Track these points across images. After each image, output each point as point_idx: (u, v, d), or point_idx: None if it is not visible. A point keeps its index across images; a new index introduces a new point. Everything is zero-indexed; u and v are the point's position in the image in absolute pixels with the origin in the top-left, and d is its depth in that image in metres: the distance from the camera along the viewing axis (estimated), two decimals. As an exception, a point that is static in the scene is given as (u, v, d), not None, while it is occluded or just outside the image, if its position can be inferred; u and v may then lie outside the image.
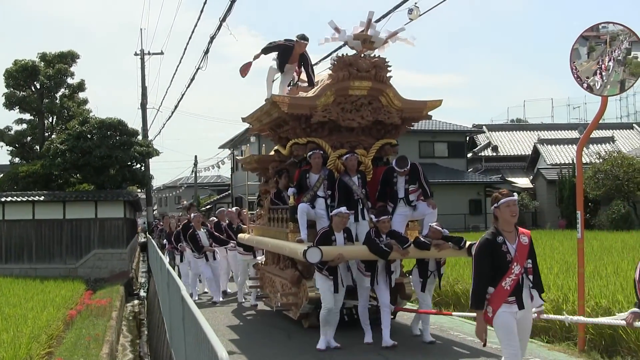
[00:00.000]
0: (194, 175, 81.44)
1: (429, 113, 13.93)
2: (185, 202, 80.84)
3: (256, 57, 14.67)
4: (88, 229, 34.66)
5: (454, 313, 13.17)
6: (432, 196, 12.75)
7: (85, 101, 44.63)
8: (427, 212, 12.50)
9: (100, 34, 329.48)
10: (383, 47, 13.24)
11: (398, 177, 12.56)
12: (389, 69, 13.21)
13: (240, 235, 17.32)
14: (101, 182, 36.26)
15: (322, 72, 15.67)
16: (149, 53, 50.01)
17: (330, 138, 13.39)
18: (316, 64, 19.54)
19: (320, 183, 12.79)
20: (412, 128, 15.07)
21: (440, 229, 11.85)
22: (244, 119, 15.89)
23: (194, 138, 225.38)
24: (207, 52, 26.01)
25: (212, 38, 23.85)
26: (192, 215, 19.96)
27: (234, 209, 21.00)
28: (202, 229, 18.80)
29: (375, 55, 13.28)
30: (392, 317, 12.81)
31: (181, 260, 20.20)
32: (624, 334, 10.61)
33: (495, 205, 7.62)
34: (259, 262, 16.69)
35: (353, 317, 12.68)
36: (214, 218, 21.12)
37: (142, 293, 36.06)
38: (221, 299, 18.05)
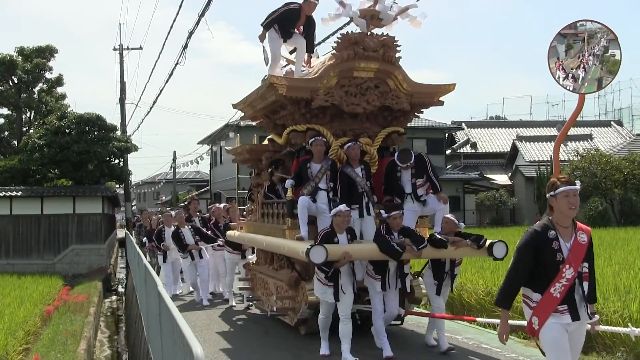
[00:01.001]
0: (172, 170, 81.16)
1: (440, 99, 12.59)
2: (164, 197, 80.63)
3: (261, 38, 13.06)
4: (66, 224, 34.43)
5: (479, 319, 11.69)
6: (442, 190, 11.63)
7: (63, 96, 44.47)
8: (438, 208, 11.29)
9: (78, 28, 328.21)
10: (391, 25, 12.12)
11: (402, 171, 11.42)
12: (398, 48, 11.95)
13: (229, 233, 16.05)
14: (79, 178, 36.07)
15: (320, 57, 14.23)
16: (127, 48, 49.79)
17: (331, 125, 12.16)
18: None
19: (323, 174, 11.47)
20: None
21: (454, 219, 10.82)
22: (235, 105, 14.58)
23: (172, 134, 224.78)
24: (185, 47, 25.99)
25: (191, 33, 23.81)
26: (171, 212, 19.34)
27: (222, 205, 19.59)
28: (186, 226, 17.48)
29: (383, 33, 12.00)
30: (399, 322, 12.20)
31: (164, 261, 18.86)
32: (600, 331, 10.66)
33: (552, 193, 6.55)
34: (250, 261, 15.53)
35: (356, 323, 11.12)
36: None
37: (120, 289, 35.94)
38: (207, 302, 16.64)
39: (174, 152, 79.43)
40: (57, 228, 34.26)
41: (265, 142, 14.45)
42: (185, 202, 67.77)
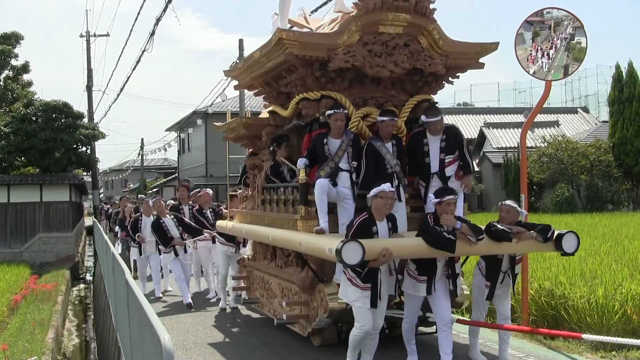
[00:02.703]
0: (140, 158, 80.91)
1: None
2: (131, 185, 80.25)
3: None
4: (33, 212, 34.21)
5: (585, 335, 8.96)
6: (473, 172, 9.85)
7: (29, 83, 44.03)
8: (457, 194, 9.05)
9: (44, 15, 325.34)
10: None
11: (430, 142, 9.43)
12: None
13: (219, 223, 14.01)
14: (46, 165, 35.80)
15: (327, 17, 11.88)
16: (94, 35, 49.55)
17: (350, 92, 10.05)
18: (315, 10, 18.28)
19: (344, 151, 9.41)
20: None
21: (517, 206, 8.92)
22: (228, 72, 12.83)
23: (140, 121, 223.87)
24: (152, 33, 25.91)
25: (158, 20, 23.80)
26: (150, 200, 17.28)
27: (209, 190, 16.95)
28: (168, 216, 15.38)
29: None
30: (435, 331, 9.58)
31: (140, 254, 17.07)
32: (566, 315, 10.79)
33: None
34: (245, 256, 13.61)
35: (384, 332, 9.04)
36: (171, 201, 18.77)
37: (89, 277, 35.78)
38: (190, 301, 14.56)
39: (142, 139, 79.22)
40: (24, 216, 34.04)
41: (263, 114, 12.56)
42: (155, 190, 67.70)
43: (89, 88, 48.09)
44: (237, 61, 31.86)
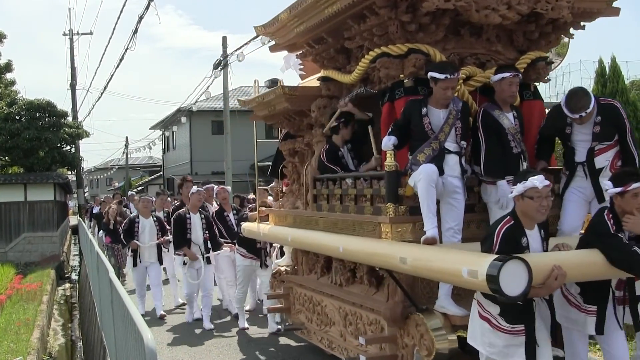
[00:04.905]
0: (125, 156, 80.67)
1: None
2: (116, 183, 79.89)
3: None
4: (17, 212, 34.01)
5: None
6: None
7: (12, 82, 43.73)
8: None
9: (27, 13, 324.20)
10: None
11: (575, 125, 6.82)
12: None
13: (246, 226, 11.18)
14: (30, 165, 35.62)
15: None
16: (77, 33, 49.30)
17: (444, 46, 7.43)
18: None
19: (451, 127, 6.78)
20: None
21: None
22: (261, 28, 9.50)
23: (124, 119, 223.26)
24: (135, 31, 25.81)
25: (141, 18, 23.74)
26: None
27: (225, 187, 14.32)
28: (198, 213, 12.64)
29: None
30: None
31: (134, 264, 14.21)
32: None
33: None
34: (282, 269, 10.81)
35: None
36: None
37: (74, 276, 35.66)
38: (212, 325, 12.17)
39: (126, 137, 78.78)
40: (8, 216, 33.85)
41: (306, 83, 10.15)
42: (140, 188, 67.44)
43: (72, 86, 47.91)
44: (221, 58, 31.78)
